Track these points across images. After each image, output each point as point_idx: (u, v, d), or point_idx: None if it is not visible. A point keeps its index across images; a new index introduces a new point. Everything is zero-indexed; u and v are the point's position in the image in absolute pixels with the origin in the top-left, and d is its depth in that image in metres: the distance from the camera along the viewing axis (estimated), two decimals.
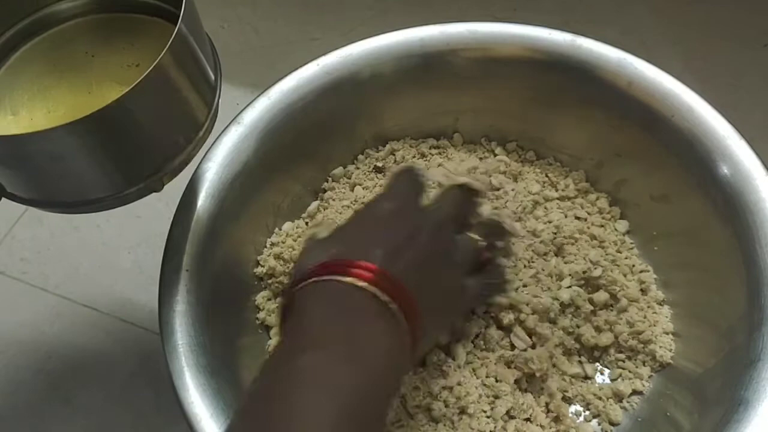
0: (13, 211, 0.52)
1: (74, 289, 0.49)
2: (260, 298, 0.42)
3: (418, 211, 0.35)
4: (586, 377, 0.40)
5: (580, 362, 0.40)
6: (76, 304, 0.48)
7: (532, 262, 0.42)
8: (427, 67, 0.44)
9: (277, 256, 0.42)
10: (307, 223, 0.45)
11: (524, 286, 0.40)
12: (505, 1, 0.57)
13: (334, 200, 0.45)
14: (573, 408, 0.39)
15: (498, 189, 0.45)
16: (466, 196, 0.37)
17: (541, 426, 0.38)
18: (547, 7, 0.58)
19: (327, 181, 0.46)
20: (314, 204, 0.45)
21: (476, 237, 0.36)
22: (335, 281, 0.30)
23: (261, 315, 0.42)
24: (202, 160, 0.40)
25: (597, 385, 0.40)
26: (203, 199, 0.38)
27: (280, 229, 0.44)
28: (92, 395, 0.45)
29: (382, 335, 0.29)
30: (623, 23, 0.56)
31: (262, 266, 0.42)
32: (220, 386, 0.34)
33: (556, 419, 0.38)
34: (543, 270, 0.41)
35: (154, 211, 0.51)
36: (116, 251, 0.50)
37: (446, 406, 0.37)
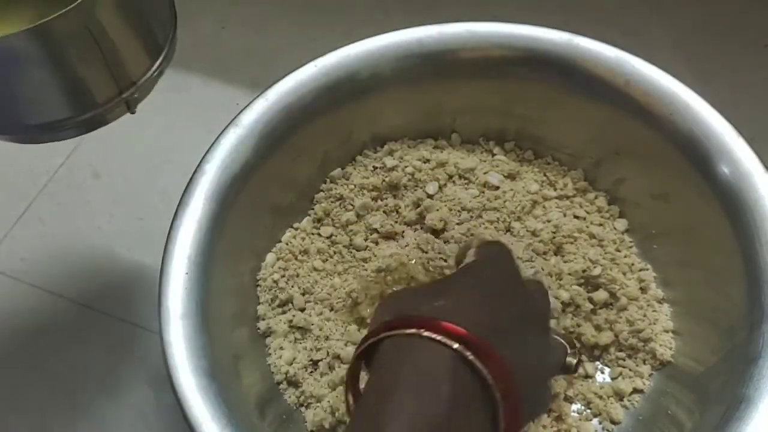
0: (13, 211, 0.52)
1: (74, 289, 0.49)
2: (262, 308, 0.42)
3: (525, 293, 0.30)
4: (587, 376, 0.40)
5: (580, 361, 0.40)
6: (76, 304, 0.48)
7: (532, 261, 0.42)
8: (425, 68, 0.43)
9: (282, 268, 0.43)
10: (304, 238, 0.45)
11: None
12: (506, 1, 0.57)
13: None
14: (574, 407, 0.39)
15: (497, 188, 0.45)
16: (548, 298, 0.33)
17: (543, 426, 0.38)
18: (547, 8, 0.58)
19: (325, 182, 0.46)
20: (306, 219, 0.45)
21: (566, 345, 0.33)
22: (415, 336, 0.25)
23: (261, 325, 0.42)
24: (201, 161, 0.40)
25: (597, 383, 0.40)
26: (202, 201, 0.38)
27: (280, 240, 0.44)
28: (92, 395, 0.45)
29: (476, 411, 0.25)
30: (624, 23, 0.56)
31: (264, 279, 0.43)
32: (221, 389, 0.34)
33: (558, 419, 0.38)
34: (543, 269, 0.41)
35: (155, 212, 0.51)
36: (116, 251, 0.50)
37: None
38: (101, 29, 0.30)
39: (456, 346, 0.25)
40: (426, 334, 0.25)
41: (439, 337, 0.25)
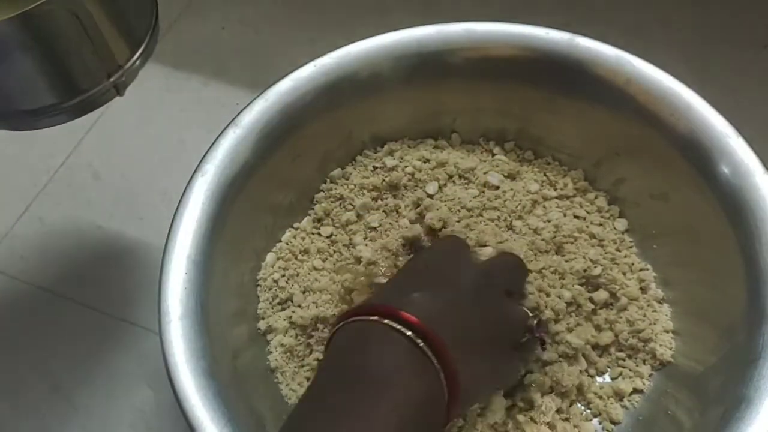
0: (13, 210, 0.52)
1: (74, 288, 0.49)
2: (262, 306, 0.42)
3: (466, 265, 0.35)
4: (587, 376, 0.40)
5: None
6: (76, 304, 0.48)
7: (537, 258, 0.42)
8: (425, 67, 0.43)
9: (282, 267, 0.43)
10: (304, 238, 0.45)
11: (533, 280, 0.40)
12: (506, 1, 0.57)
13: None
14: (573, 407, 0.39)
15: (497, 188, 0.45)
16: (515, 266, 0.38)
17: (547, 424, 0.38)
18: (547, 8, 0.58)
19: (325, 182, 0.46)
20: (307, 219, 0.45)
21: (527, 311, 0.36)
22: (374, 321, 0.30)
23: (261, 324, 0.42)
24: (200, 161, 0.40)
25: (597, 383, 0.40)
26: (202, 201, 0.38)
27: (280, 240, 0.44)
28: (92, 395, 0.45)
29: (417, 384, 0.28)
30: (623, 24, 0.56)
31: (264, 278, 0.43)
32: (220, 389, 0.34)
33: (566, 420, 0.38)
34: (549, 267, 0.41)
35: (155, 212, 0.51)
36: (116, 251, 0.50)
37: None
38: (87, 14, 0.31)
39: (409, 333, 0.29)
40: (385, 321, 0.30)
41: (396, 325, 0.29)
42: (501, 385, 0.37)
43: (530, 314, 0.37)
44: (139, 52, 0.36)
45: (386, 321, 0.30)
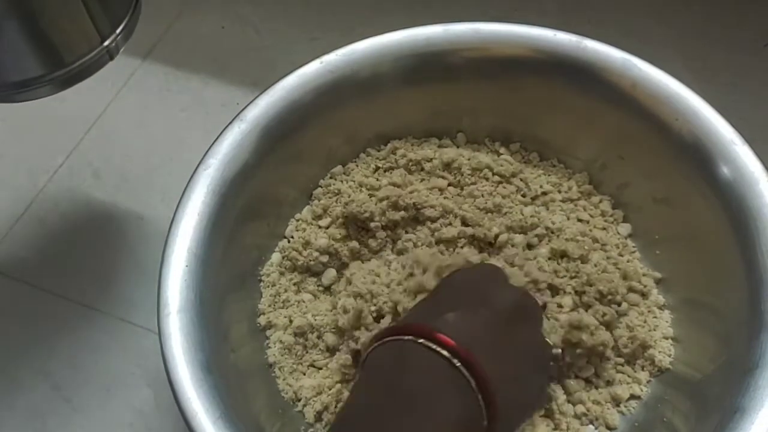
0: (13, 210, 0.52)
1: (74, 289, 0.48)
2: (263, 302, 0.42)
3: (504, 284, 0.34)
4: (586, 381, 0.40)
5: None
6: (77, 304, 0.48)
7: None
8: (431, 66, 0.43)
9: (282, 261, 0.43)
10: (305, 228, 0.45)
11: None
12: (505, 1, 0.57)
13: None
14: (571, 411, 0.39)
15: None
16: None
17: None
18: (546, 8, 0.58)
19: (323, 178, 0.46)
20: (306, 208, 0.46)
21: (551, 343, 0.36)
22: (410, 341, 0.29)
23: (261, 320, 0.42)
24: (204, 155, 0.40)
25: (595, 388, 0.40)
26: (204, 195, 0.38)
27: (283, 235, 0.44)
28: (92, 395, 0.45)
29: (455, 406, 0.28)
30: (623, 24, 0.56)
31: (267, 275, 0.43)
32: (217, 382, 0.34)
33: (557, 426, 0.38)
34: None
35: (156, 211, 0.51)
36: (116, 251, 0.50)
37: None
38: None
39: (446, 353, 0.29)
40: (420, 341, 0.29)
41: (433, 345, 0.29)
42: (537, 407, 0.37)
43: (552, 345, 0.36)
44: (121, 27, 0.36)
45: (422, 341, 0.29)
